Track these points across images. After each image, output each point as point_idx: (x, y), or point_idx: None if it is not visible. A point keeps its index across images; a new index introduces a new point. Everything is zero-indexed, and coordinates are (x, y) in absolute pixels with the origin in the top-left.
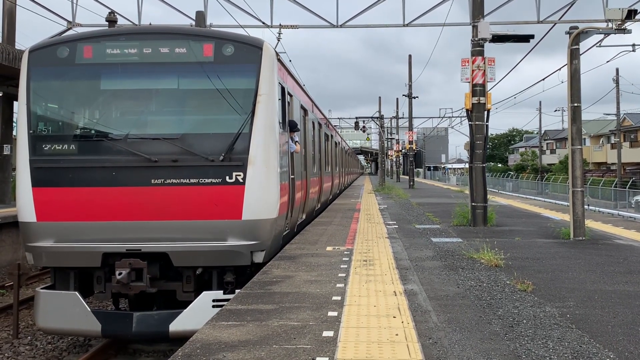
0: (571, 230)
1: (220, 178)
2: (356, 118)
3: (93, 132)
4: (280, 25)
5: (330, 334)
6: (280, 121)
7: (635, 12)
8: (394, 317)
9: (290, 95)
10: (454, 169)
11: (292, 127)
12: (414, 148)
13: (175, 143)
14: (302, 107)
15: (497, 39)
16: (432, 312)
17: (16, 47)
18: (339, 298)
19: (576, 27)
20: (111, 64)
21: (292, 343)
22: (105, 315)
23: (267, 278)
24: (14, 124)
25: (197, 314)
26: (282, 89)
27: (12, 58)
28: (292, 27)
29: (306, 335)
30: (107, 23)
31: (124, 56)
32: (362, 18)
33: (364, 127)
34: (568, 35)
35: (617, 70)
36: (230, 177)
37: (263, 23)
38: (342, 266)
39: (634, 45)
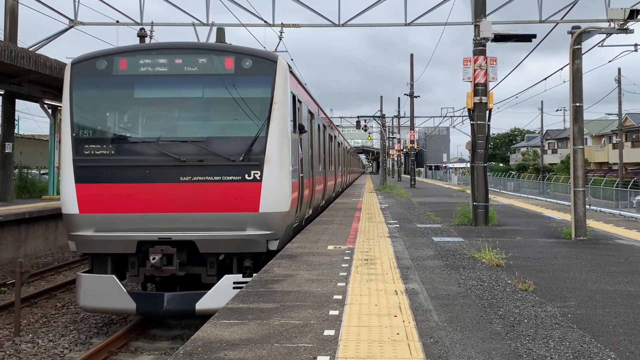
0: (572, 230)
1: (240, 176)
2: (358, 117)
3: (128, 135)
4: (282, 24)
5: (331, 332)
6: (292, 125)
7: (637, 12)
8: (395, 316)
9: (300, 102)
10: (456, 168)
11: (301, 129)
12: (416, 147)
13: (200, 145)
14: (309, 111)
15: (499, 38)
16: (434, 311)
17: (18, 45)
18: (340, 297)
19: (578, 27)
20: (144, 75)
21: (293, 342)
22: (139, 296)
23: (268, 277)
24: (16, 122)
25: (220, 295)
26: (293, 96)
27: (14, 56)
28: (294, 26)
29: (307, 334)
30: (110, 22)
31: (155, 68)
32: (365, 17)
33: (365, 126)
34: (570, 35)
35: (619, 70)
36: (249, 175)
37: (265, 22)
38: (343, 265)
39: (636, 45)
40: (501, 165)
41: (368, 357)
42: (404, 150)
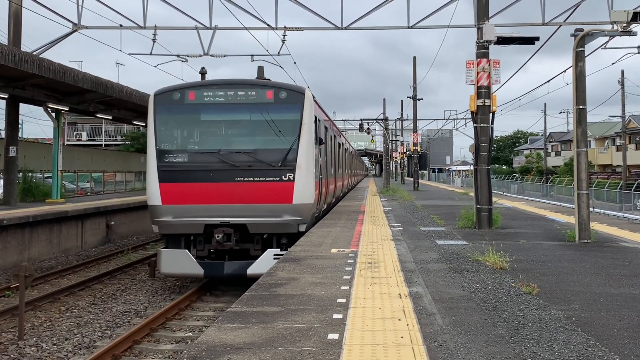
0: (576, 232)
1: (279, 177)
2: (361, 120)
3: (197, 147)
4: (285, 27)
5: (335, 336)
6: (314, 140)
7: None
8: (399, 319)
9: (319, 121)
10: (459, 171)
11: (320, 142)
12: (419, 150)
13: (250, 155)
14: (325, 126)
15: (502, 41)
16: (437, 314)
17: (22, 48)
18: (344, 300)
19: (581, 29)
20: (207, 103)
21: (297, 345)
22: (206, 264)
23: (272, 280)
24: (20, 126)
25: (264, 263)
26: (315, 117)
27: (18, 60)
28: (297, 29)
29: (311, 337)
30: (113, 25)
31: (215, 98)
32: (368, 19)
33: (368, 129)
34: (573, 37)
35: (622, 72)
36: (285, 177)
37: (268, 25)
38: (346, 268)
39: (639, 47)
40: (504, 167)
41: None
42: (407, 153)
